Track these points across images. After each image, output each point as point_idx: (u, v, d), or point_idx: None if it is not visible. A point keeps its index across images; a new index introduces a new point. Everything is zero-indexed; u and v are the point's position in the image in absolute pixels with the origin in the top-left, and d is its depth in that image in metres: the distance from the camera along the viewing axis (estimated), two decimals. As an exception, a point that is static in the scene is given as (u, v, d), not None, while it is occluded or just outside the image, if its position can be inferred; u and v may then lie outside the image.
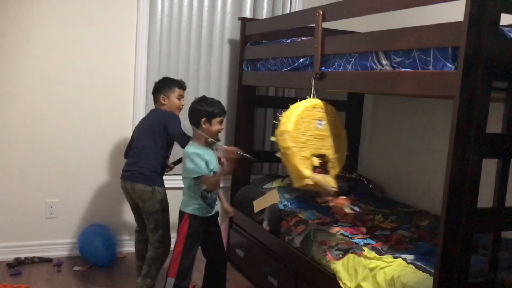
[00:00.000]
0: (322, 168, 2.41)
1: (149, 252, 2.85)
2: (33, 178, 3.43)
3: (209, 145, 2.63)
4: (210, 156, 2.60)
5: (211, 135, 2.61)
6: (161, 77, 3.15)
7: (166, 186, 2.96)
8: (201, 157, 2.52)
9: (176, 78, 3.27)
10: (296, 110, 2.37)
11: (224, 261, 2.79)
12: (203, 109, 2.60)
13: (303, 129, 2.35)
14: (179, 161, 3.07)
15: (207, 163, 2.55)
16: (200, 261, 2.83)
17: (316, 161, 2.37)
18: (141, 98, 3.60)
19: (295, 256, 2.73)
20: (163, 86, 3.01)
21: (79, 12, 3.38)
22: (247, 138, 3.71)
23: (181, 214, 2.63)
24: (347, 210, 2.97)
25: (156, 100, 3.03)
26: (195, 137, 2.63)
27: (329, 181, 2.38)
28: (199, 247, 2.67)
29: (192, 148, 2.58)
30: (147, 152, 2.88)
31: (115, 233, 3.58)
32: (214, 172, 2.58)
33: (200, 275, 2.88)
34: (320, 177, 2.37)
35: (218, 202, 2.75)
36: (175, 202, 2.80)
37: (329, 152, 2.43)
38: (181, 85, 3.05)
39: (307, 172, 2.32)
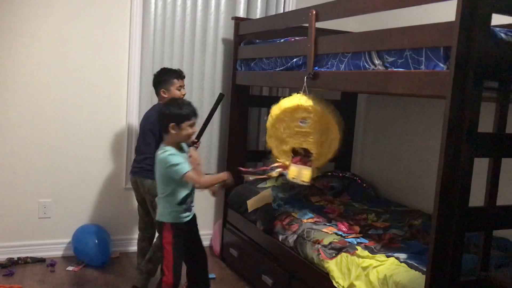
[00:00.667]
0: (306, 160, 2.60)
1: (155, 240, 2.91)
2: (26, 178, 3.42)
3: (181, 148, 2.49)
4: (184, 159, 2.44)
5: (182, 140, 2.47)
6: None
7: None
8: (178, 155, 2.39)
9: None
10: (275, 110, 2.63)
11: (205, 257, 2.71)
12: (170, 113, 2.42)
13: (282, 128, 2.63)
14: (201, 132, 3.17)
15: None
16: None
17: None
18: (134, 98, 3.59)
19: (289, 255, 2.74)
20: (162, 79, 3.03)
21: (73, 13, 3.37)
22: (240, 138, 3.72)
23: (160, 224, 2.49)
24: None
25: (157, 94, 3.07)
26: (165, 142, 2.47)
27: (303, 174, 2.56)
28: None
29: (164, 152, 2.39)
30: (152, 149, 2.84)
31: (108, 232, 3.57)
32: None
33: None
34: (295, 169, 2.58)
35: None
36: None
37: (311, 147, 2.58)
38: (179, 75, 3.06)
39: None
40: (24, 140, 3.38)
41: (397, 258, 2.19)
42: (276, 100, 2.69)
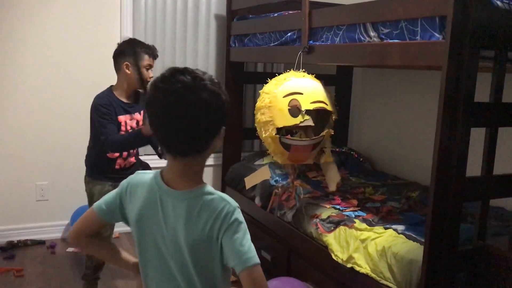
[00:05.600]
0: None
1: None
2: (22, 161, 3.41)
3: None
4: None
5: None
6: None
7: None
8: None
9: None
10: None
11: None
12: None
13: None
14: None
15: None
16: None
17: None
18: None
19: (287, 230, 2.75)
20: (128, 50, 2.46)
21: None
22: (236, 116, 3.70)
23: None
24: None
25: (117, 68, 2.49)
26: None
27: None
28: None
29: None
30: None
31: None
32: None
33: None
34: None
35: None
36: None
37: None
38: (152, 52, 2.52)
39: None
40: (20, 124, 3.36)
41: (395, 230, 2.21)
42: (271, 76, 2.64)
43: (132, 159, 2.66)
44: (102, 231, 2.25)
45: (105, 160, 2.57)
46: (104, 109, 2.45)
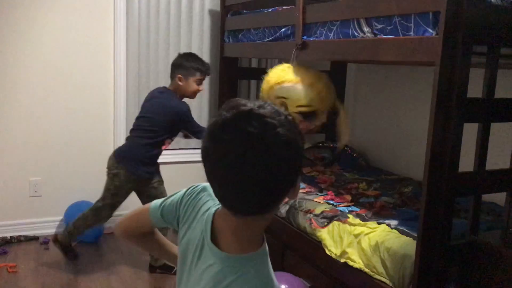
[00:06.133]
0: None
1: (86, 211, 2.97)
2: (15, 157, 3.39)
3: None
4: None
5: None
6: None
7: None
8: None
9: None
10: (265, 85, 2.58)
11: None
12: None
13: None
14: None
15: None
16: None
17: None
18: (121, 71, 3.54)
19: (281, 226, 2.76)
20: (184, 64, 2.87)
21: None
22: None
23: None
24: None
25: (172, 77, 2.93)
26: None
27: None
28: None
29: None
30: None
31: (101, 209, 3.57)
32: None
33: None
34: None
35: None
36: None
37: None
38: (205, 70, 2.92)
39: None
40: (13, 120, 3.34)
41: (388, 225, 2.22)
42: (265, 71, 2.65)
43: None
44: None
45: (159, 155, 2.95)
46: (189, 111, 2.89)
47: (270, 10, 2.95)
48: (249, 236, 1.00)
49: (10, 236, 3.37)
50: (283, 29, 2.70)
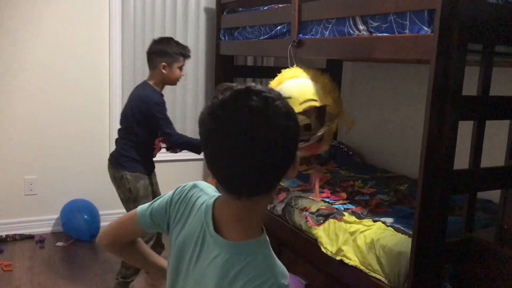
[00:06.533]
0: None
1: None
2: (10, 155, 3.38)
3: None
4: None
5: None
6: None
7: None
8: None
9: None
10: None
11: None
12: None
13: None
14: None
15: None
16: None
17: None
18: (117, 69, 3.53)
19: (277, 223, 2.76)
20: (166, 50, 2.58)
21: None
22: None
23: None
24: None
25: (153, 66, 2.60)
26: None
27: None
28: None
29: None
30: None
31: (97, 207, 3.56)
32: None
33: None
34: None
35: None
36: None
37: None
38: (188, 54, 2.66)
39: None
40: (8, 117, 3.33)
41: (383, 223, 2.22)
42: (261, 69, 2.64)
43: None
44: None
45: (151, 153, 2.69)
46: (164, 107, 2.58)
47: (265, 8, 2.94)
48: (252, 222, 0.99)
49: (6, 235, 3.36)
50: (278, 27, 2.70)
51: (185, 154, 3.61)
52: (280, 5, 2.85)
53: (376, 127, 3.60)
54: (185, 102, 3.80)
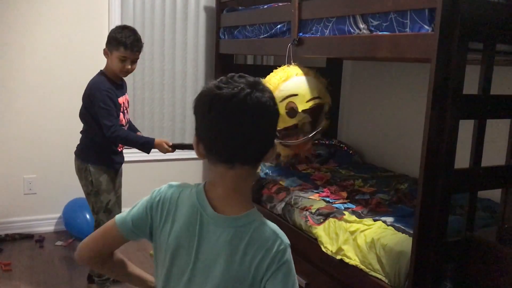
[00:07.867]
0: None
1: None
2: (9, 154, 3.37)
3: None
4: None
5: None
6: None
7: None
8: None
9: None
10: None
11: None
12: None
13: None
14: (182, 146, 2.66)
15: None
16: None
17: None
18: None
19: (277, 223, 2.72)
20: (110, 36, 2.45)
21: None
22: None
23: None
24: None
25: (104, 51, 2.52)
26: None
27: None
28: None
29: None
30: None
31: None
32: None
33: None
34: None
35: None
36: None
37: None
38: (129, 46, 2.42)
39: None
40: (7, 116, 3.32)
41: (384, 222, 2.22)
42: (261, 68, 2.64)
43: None
44: None
45: (115, 146, 2.57)
46: (108, 94, 2.42)
47: (265, 6, 2.94)
48: (247, 192, 1.08)
49: (5, 234, 3.35)
50: (278, 26, 2.70)
51: (185, 154, 3.63)
52: (280, 4, 2.85)
53: (376, 126, 3.59)
54: (185, 101, 3.79)
